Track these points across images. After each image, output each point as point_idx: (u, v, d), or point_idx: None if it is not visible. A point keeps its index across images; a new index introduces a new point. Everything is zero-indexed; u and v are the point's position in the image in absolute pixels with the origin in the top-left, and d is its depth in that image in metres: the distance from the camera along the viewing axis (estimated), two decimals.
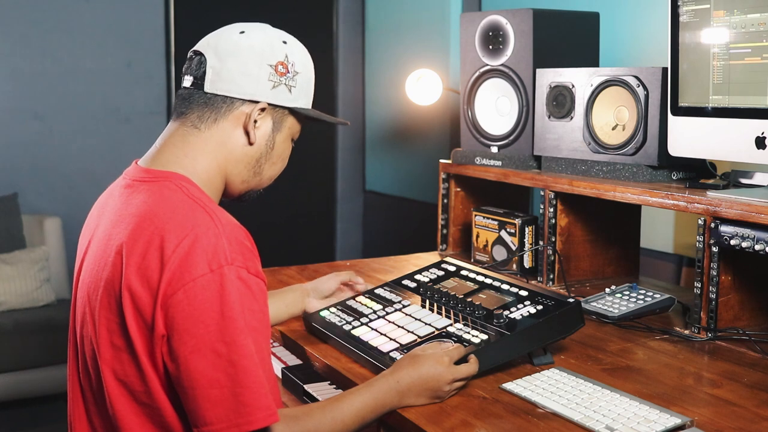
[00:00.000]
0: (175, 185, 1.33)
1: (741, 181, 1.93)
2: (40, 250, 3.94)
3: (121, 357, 1.28)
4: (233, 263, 1.24)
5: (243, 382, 1.21)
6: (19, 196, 4.12)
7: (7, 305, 3.80)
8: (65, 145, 4.27)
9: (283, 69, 1.42)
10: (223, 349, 1.21)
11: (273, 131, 1.44)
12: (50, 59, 4.20)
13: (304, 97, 1.47)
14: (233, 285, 1.23)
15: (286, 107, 1.44)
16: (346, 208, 4.78)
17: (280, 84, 1.42)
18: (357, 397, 1.38)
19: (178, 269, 1.22)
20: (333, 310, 1.86)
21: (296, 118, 1.48)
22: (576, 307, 1.63)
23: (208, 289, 1.22)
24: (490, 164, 2.48)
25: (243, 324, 1.23)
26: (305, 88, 1.47)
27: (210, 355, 1.21)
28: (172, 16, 4.34)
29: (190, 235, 1.25)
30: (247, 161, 1.43)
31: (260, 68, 1.40)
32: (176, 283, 1.22)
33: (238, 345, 1.21)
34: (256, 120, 1.41)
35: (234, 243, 1.27)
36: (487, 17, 2.44)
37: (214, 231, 1.26)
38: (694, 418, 1.37)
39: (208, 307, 1.21)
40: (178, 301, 1.22)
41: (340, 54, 4.66)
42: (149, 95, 4.36)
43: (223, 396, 1.21)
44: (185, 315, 1.22)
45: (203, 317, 1.21)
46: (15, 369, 3.67)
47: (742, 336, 1.79)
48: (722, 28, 1.79)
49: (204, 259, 1.23)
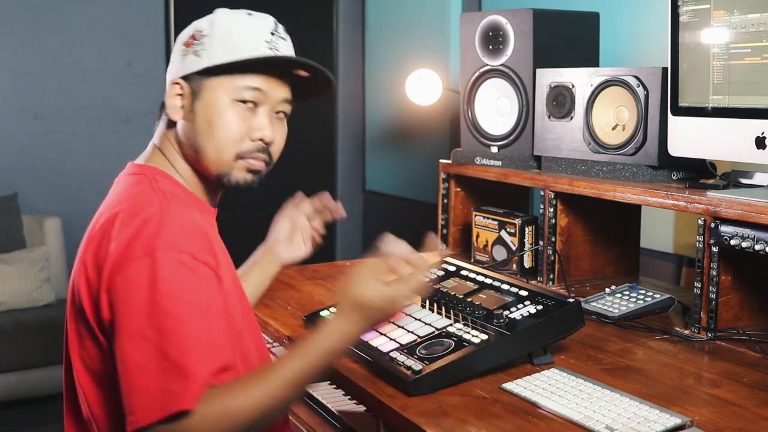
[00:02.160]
0: (148, 178, 1.36)
1: (741, 181, 1.93)
2: (40, 250, 3.94)
3: (86, 344, 1.30)
4: (172, 248, 1.22)
5: (167, 368, 1.16)
6: (19, 196, 4.11)
7: (7, 305, 3.80)
8: (65, 145, 4.27)
9: (191, 40, 1.41)
10: (150, 335, 1.18)
11: (193, 101, 1.39)
12: (50, 59, 4.20)
13: (224, 50, 1.37)
14: (169, 269, 1.21)
15: (196, 72, 1.39)
16: (346, 208, 4.74)
17: (187, 54, 1.41)
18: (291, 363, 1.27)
19: (120, 255, 1.23)
20: (333, 310, 1.86)
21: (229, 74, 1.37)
22: (576, 307, 1.63)
23: (139, 274, 1.21)
24: (490, 164, 2.48)
25: (175, 307, 1.19)
26: (222, 43, 1.37)
27: (138, 340, 1.18)
28: (172, 16, 4.34)
29: (135, 221, 1.26)
30: (184, 141, 1.41)
31: (177, 50, 1.43)
32: (116, 269, 1.22)
33: (167, 330, 1.18)
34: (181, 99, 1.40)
35: (180, 231, 1.25)
36: (487, 17, 2.44)
37: (158, 218, 1.26)
38: (694, 418, 1.37)
39: (138, 292, 1.20)
40: (117, 285, 1.22)
41: (340, 54, 4.66)
42: (149, 95, 4.35)
43: (147, 383, 1.17)
44: (120, 300, 1.22)
45: (133, 302, 1.20)
46: (15, 369, 3.67)
47: (742, 336, 1.79)
48: (722, 28, 1.79)
49: (142, 243, 1.23)
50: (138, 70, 4.35)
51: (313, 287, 2.24)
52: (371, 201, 4.65)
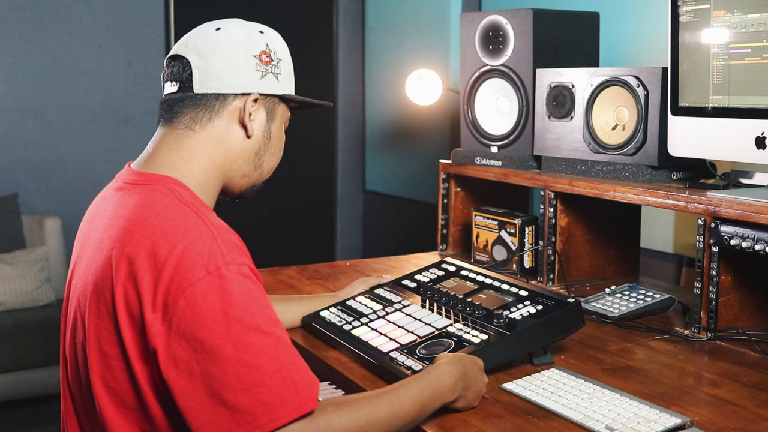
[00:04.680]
0: (168, 189, 1.31)
1: (741, 181, 1.93)
2: (40, 250, 3.94)
3: (111, 364, 1.25)
4: (232, 262, 1.21)
5: (257, 381, 1.16)
6: (19, 196, 4.12)
7: (7, 305, 3.80)
8: (65, 145, 4.27)
9: (267, 58, 1.42)
10: (231, 352, 1.16)
11: (267, 121, 1.44)
12: (50, 59, 4.20)
13: (289, 83, 1.48)
14: (236, 283, 1.20)
15: (276, 95, 1.45)
16: (346, 208, 4.78)
17: (267, 73, 1.42)
18: (414, 384, 1.35)
19: (175, 276, 1.19)
20: (333, 310, 1.86)
21: (286, 105, 1.49)
22: (576, 307, 1.63)
23: (208, 293, 1.18)
24: (490, 164, 2.48)
25: (253, 320, 1.19)
26: (289, 74, 1.48)
27: (219, 360, 1.16)
28: (172, 16, 4.34)
29: (183, 240, 1.22)
30: (246, 155, 1.43)
31: (246, 60, 1.40)
32: (175, 292, 1.19)
33: (247, 344, 1.17)
34: (251, 112, 1.41)
35: (229, 244, 1.24)
36: (487, 17, 2.44)
37: (207, 234, 1.23)
38: (694, 418, 1.37)
39: (211, 311, 1.18)
40: (180, 309, 1.18)
41: (340, 54, 4.66)
42: (149, 95, 4.36)
43: (237, 400, 1.15)
44: (189, 322, 1.18)
45: (207, 321, 1.17)
46: (15, 369, 3.67)
47: (742, 336, 1.79)
48: (722, 28, 1.79)
49: (200, 263, 1.20)
50: (138, 71, 4.35)
51: (313, 287, 2.24)
52: (371, 201, 4.65)
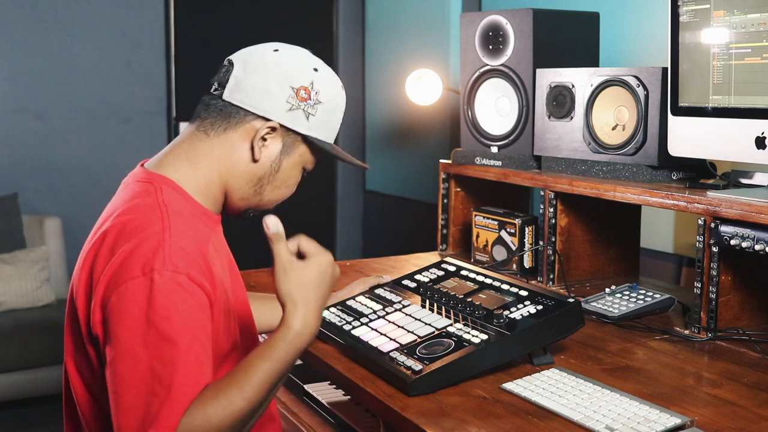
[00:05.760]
0: (154, 188, 1.33)
1: (741, 181, 1.93)
2: (40, 250, 3.95)
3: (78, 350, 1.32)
4: (168, 269, 1.21)
5: (155, 390, 1.17)
6: (19, 196, 4.11)
7: (7, 305, 3.80)
8: (65, 145, 4.27)
9: (305, 94, 1.38)
10: (143, 355, 1.18)
11: (281, 154, 1.40)
12: (50, 59, 4.20)
13: (324, 129, 1.42)
14: (165, 288, 1.20)
15: (300, 133, 1.40)
16: (346, 208, 4.78)
17: (298, 108, 1.38)
18: (263, 365, 1.25)
19: (116, 272, 1.22)
20: (333, 310, 1.86)
21: (310, 148, 1.43)
22: (576, 307, 1.63)
23: (136, 293, 1.20)
24: (490, 164, 2.48)
25: (170, 329, 1.19)
26: (327, 120, 1.42)
27: (130, 360, 1.18)
28: (172, 16, 4.33)
29: (136, 238, 1.24)
30: (248, 178, 1.41)
31: (281, 88, 1.37)
32: (112, 286, 1.22)
33: (159, 352, 1.18)
34: (265, 138, 1.38)
35: (177, 251, 1.24)
36: (487, 17, 2.44)
37: (158, 237, 1.24)
38: (694, 418, 1.37)
39: (134, 311, 1.19)
40: (112, 303, 1.21)
41: (340, 54, 4.66)
42: (149, 95, 4.35)
43: (136, 403, 1.17)
44: (114, 318, 1.21)
45: (128, 321, 1.19)
46: (15, 369, 3.67)
47: (742, 336, 1.79)
48: (722, 28, 1.79)
49: (140, 263, 1.21)
50: (138, 70, 4.35)
51: None
52: (371, 201, 4.65)
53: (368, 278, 2.00)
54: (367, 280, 1.99)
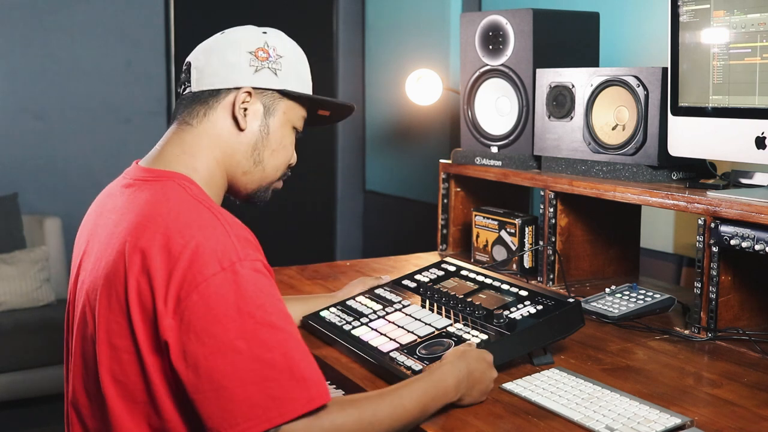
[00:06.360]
0: (178, 185, 1.32)
1: (741, 181, 1.93)
2: (40, 250, 3.95)
3: (121, 357, 1.25)
4: (246, 258, 1.22)
5: (269, 376, 1.17)
6: (19, 196, 4.12)
7: (7, 305, 3.80)
8: (65, 145, 4.27)
9: (263, 54, 1.42)
10: (243, 346, 1.17)
11: (265, 116, 1.43)
12: (50, 59, 4.20)
13: (295, 79, 1.45)
14: (250, 279, 1.21)
15: (275, 89, 1.43)
16: (346, 208, 4.78)
17: (263, 68, 1.42)
18: (417, 384, 1.35)
19: (189, 271, 1.20)
20: (333, 310, 1.86)
21: (296, 102, 1.46)
22: (576, 307, 1.63)
23: (222, 288, 1.19)
24: (490, 164, 2.48)
25: (266, 315, 1.20)
26: (294, 71, 1.45)
27: (230, 354, 1.17)
28: (172, 16, 4.34)
29: (197, 235, 1.23)
30: (243, 150, 1.42)
31: (239, 56, 1.41)
32: (188, 286, 1.19)
33: (259, 339, 1.18)
34: (246, 107, 1.41)
35: (243, 240, 1.25)
36: (487, 17, 2.44)
37: (221, 230, 1.24)
38: (694, 418, 1.37)
39: (224, 306, 1.19)
40: (193, 302, 1.19)
41: (340, 54, 4.66)
42: (149, 95, 4.36)
43: (248, 394, 1.16)
44: (200, 316, 1.19)
45: (219, 316, 1.18)
46: (15, 369, 3.67)
47: (742, 336, 1.79)
48: (722, 28, 1.79)
49: (214, 258, 1.21)
50: (138, 70, 4.35)
51: (313, 287, 2.24)
52: (371, 201, 4.65)
53: (367, 278, 2.00)
54: (366, 280, 1.99)
